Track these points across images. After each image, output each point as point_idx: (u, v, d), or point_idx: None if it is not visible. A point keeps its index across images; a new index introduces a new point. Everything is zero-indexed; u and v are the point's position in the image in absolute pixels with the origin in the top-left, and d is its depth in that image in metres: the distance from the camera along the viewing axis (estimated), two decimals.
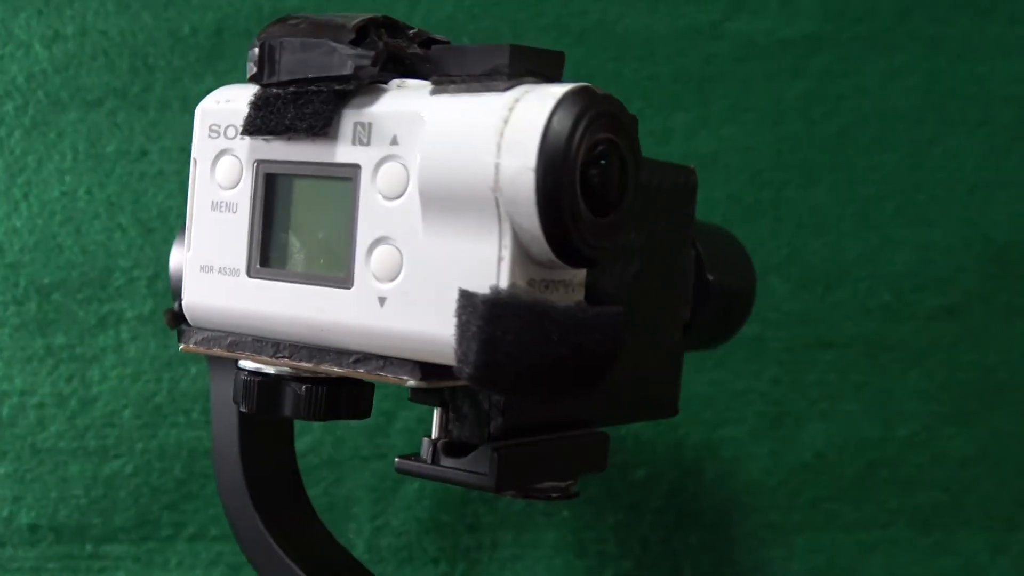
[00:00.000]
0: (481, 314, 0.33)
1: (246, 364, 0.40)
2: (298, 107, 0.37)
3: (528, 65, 0.35)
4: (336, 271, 0.37)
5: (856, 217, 0.62)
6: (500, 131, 0.33)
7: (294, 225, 0.38)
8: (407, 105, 0.36)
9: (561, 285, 0.35)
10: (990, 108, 0.63)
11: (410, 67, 0.38)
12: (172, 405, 0.60)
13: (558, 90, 0.33)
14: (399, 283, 0.36)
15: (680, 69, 0.62)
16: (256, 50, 0.38)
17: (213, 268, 0.39)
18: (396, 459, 0.41)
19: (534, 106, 0.33)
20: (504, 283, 0.34)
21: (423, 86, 0.37)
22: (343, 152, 0.37)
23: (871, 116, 0.63)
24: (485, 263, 0.34)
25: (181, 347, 0.40)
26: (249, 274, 0.39)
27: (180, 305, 0.43)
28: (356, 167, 0.37)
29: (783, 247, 0.62)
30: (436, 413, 0.41)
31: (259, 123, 0.38)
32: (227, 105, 0.39)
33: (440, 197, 0.35)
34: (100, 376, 0.60)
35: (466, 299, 0.34)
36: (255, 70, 0.38)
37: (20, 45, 0.62)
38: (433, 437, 0.41)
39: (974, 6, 0.64)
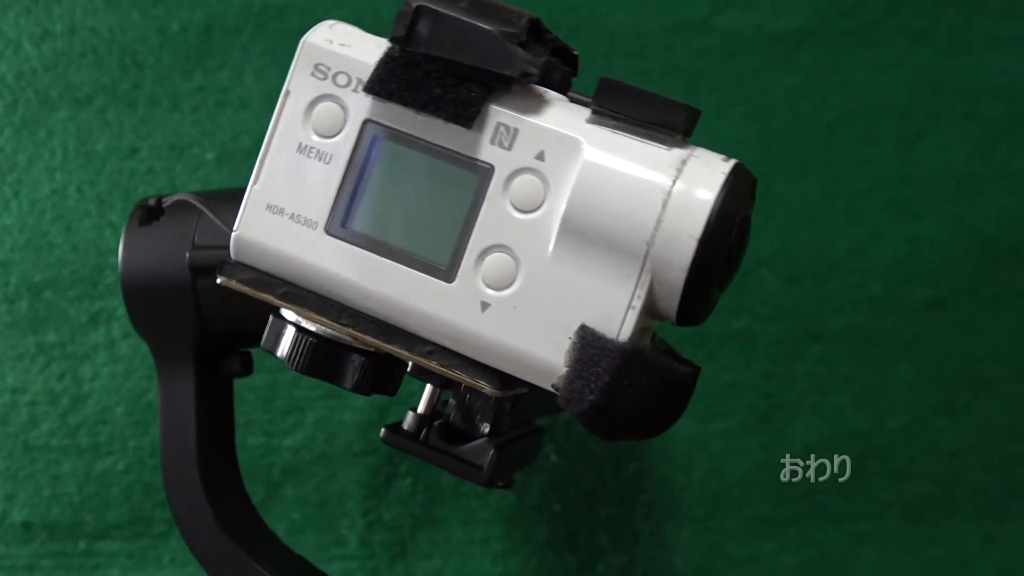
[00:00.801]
0: (615, 363, 0.34)
1: (289, 315, 0.38)
2: (445, 87, 0.36)
3: (688, 124, 0.36)
4: (437, 260, 0.36)
5: (845, 210, 0.62)
6: (667, 190, 0.34)
7: (395, 198, 0.37)
8: (563, 126, 0.35)
9: (647, 331, 0.36)
10: (977, 101, 0.64)
11: (545, 73, 0.37)
12: None
13: (724, 165, 0.35)
14: (509, 294, 0.36)
15: (670, 64, 0.63)
16: (409, 11, 0.35)
17: (284, 211, 0.37)
18: (383, 430, 0.41)
19: (704, 176, 0.35)
20: (628, 331, 0.35)
21: (566, 103, 0.36)
22: (478, 147, 0.36)
23: (859, 110, 0.63)
24: (612, 305, 0.35)
25: (220, 280, 0.38)
26: (328, 230, 0.37)
27: (156, 201, 0.42)
28: (488, 167, 0.36)
29: (773, 241, 0.62)
30: (428, 388, 0.41)
31: (393, 88, 0.36)
32: (341, 49, 0.37)
33: (586, 230, 0.35)
34: (92, 373, 0.60)
35: (595, 340, 0.34)
36: (402, 32, 0.36)
37: (9, 43, 0.62)
38: (420, 411, 0.41)
39: (960, 0, 0.64)
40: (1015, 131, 0.64)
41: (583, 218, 0.35)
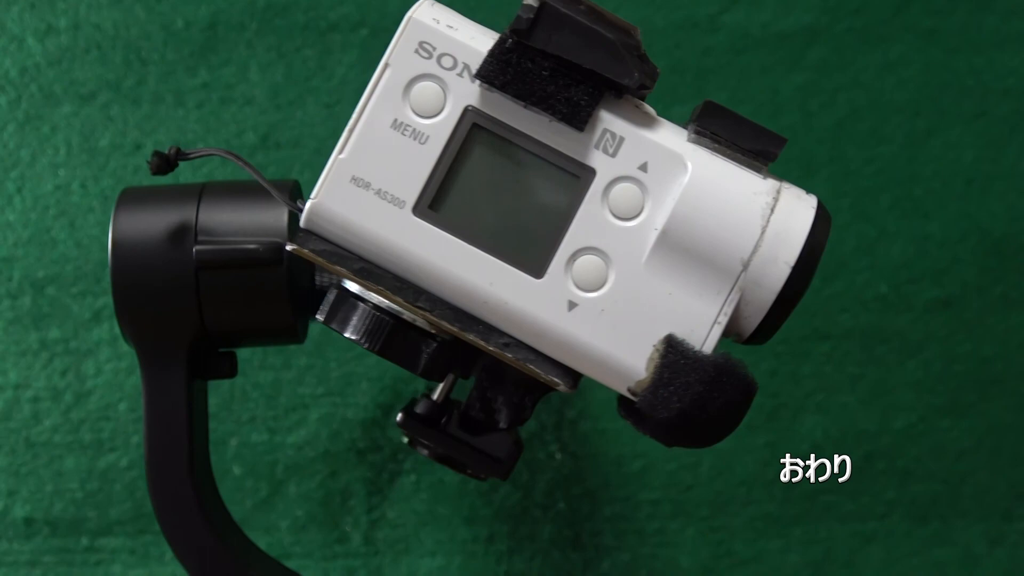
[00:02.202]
0: (708, 375, 0.36)
1: (354, 289, 0.38)
2: (558, 87, 0.36)
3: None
4: (527, 255, 0.36)
5: (853, 209, 0.62)
6: (766, 216, 0.37)
7: (489, 188, 0.37)
8: (667, 141, 0.37)
9: None
10: (987, 100, 0.63)
11: None
12: None
13: (810, 199, 0.38)
14: (598, 297, 0.36)
15: (677, 61, 0.62)
16: (534, 6, 0.36)
17: (370, 186, 0.37)
18: (400, 414, 0.41)
19: (797, 208, 0.37)
20: (712, 344, 0.36)
21: (663, 119, 0.37)
22: (583, 151, 0.37)
23: (868, 108, 0.63)
24: (699, 318, 0.36)
25: (292, 247, 0.37)
26: (415, 212, 0.37)
27: (175, 152, 0.41)
28: (590, 171, 0.37)
29: None
30: (449, 377, 0.40)
31: (507, 80, 0.36)
32: (448, 31, 0.37)
33: (684, 244, 0.36)
34: (95, 370, 0.60)
35: (686, 351, 0.36)
36: (525, 26, 0.36)
37: (13, 39, 0.62)
38: (435, 398, 0.40)
39: None
40: None
41: (683, 233, 0.36)
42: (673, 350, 0.36)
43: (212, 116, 0.62)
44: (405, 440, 0.44)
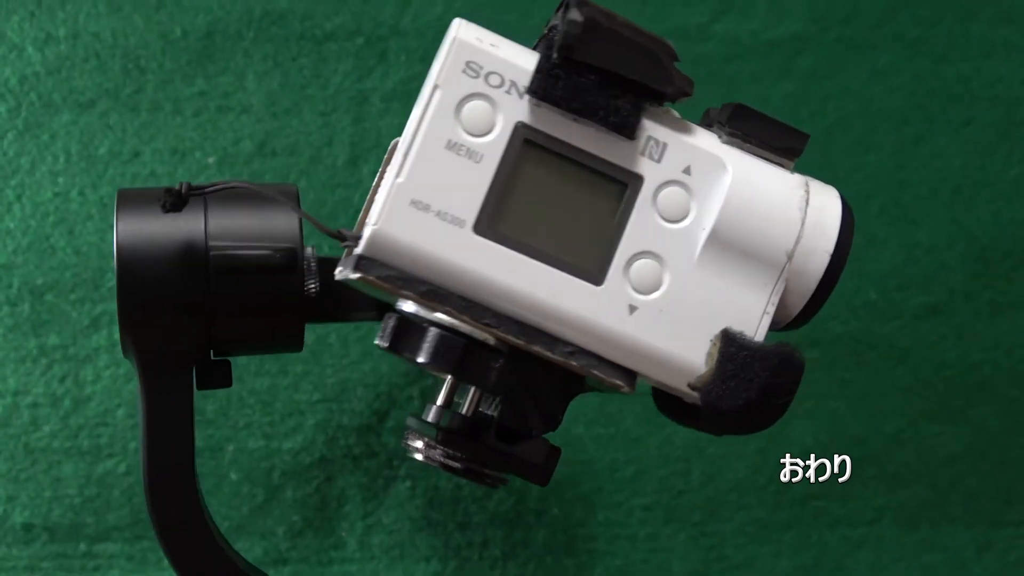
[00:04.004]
0: (772, 364, 0.38)
1: (410, 309, 0.38)
2: (605, 98, 0.37)
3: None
4: (586, 264, 0.37)
5: None
6: (803, 209, 0.38)
7: (544, 201, 0.37)
8: (706, 144, 0.38)
9: None
10: (974, 108, 0.64)
11: None
12: None
13: (832, 189, 0.40)
14: (656, 298, 0.37)
15: None
16: (580, 22, 0.36)
17: (430, 208, 0.37)
18: (439, 433, 0.40)
19: (826, 199, 0.39)
20: (763, 334, 0.38)
21: (692, 125, 0.38)
22: (631, 159, 0.37)
23: (856, 116, 0.63)
24: (749, 311, 0.38)
25: (357, 276, 0.37)
26: (476, 230, 0.37)
27: (184, 186, 0.40)
28: (638, 177, 0.37)
29: None
30: (473, 391, 0.40)
31: (558, 94, 0.37)
32: (492, 49, 0.37)
33: (733, 241, 0.38)
34: (93, 376, 0.60)
35: (746, 343, 0.38)
36: (573, 41, 0.36)
37: (12, 47, 0.62)
38: (464, 412, 0.40)
39: (958, 7, 0.64)
40: (1011, 138, 0.64)
41: (731, 231, 0.38)
42: (733, 343, 0.38)
43: (209, 124, 0.62)
44: (417, 446, 0.44)
